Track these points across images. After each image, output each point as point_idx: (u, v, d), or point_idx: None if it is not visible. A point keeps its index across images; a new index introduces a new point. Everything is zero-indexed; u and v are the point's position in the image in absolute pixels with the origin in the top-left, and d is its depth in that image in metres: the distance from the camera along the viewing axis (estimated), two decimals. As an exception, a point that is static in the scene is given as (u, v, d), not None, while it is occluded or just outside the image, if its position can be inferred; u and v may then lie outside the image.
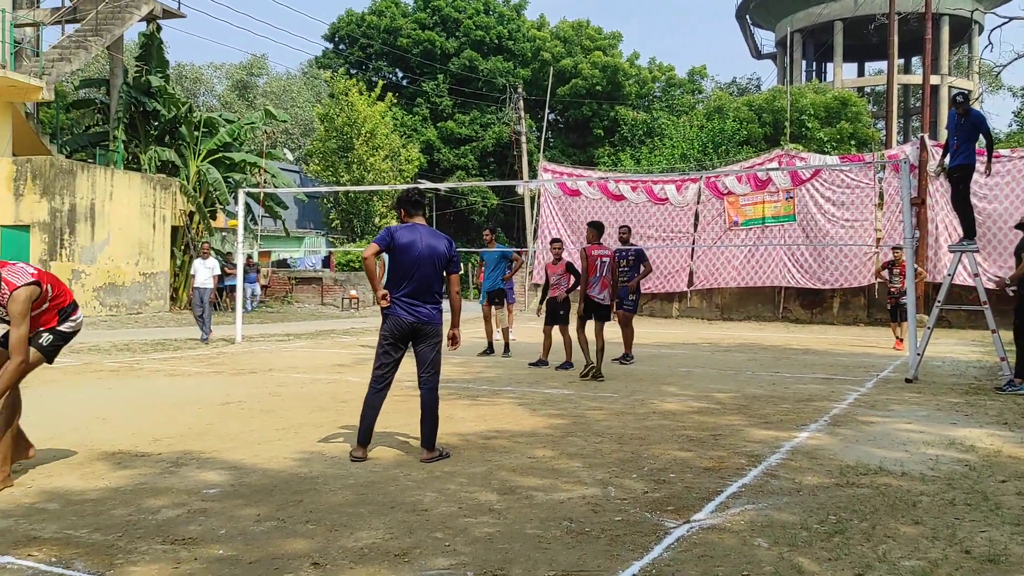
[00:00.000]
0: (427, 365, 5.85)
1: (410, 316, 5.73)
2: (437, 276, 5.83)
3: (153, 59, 26.21)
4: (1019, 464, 5.68)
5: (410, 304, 5.75)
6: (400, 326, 5.75)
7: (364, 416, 5.82)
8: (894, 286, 14.93)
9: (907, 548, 3.94)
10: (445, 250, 5.84)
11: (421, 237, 5.78)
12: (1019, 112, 44.32)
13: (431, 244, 5.79)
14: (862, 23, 41.79)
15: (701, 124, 34.82)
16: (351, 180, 34.06)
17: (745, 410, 7.97)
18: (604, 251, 10.32)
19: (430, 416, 5.80)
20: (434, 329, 5.82)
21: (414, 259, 5.72)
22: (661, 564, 3.72)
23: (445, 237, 5.96)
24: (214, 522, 4.33)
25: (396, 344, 5.83)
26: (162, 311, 23.88)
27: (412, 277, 5.73)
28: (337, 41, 50.67)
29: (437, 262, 5.79)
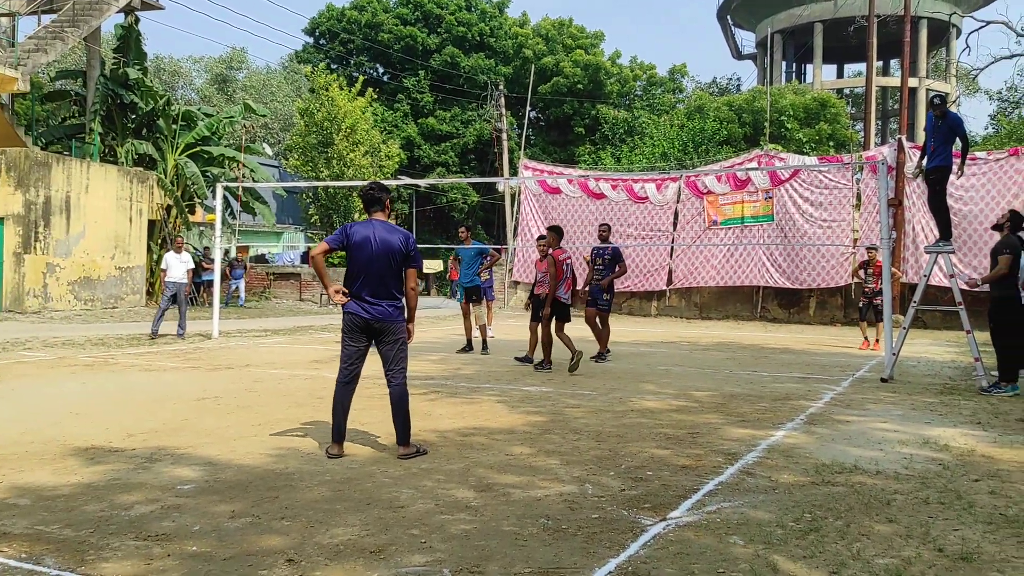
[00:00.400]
0: (391, 363, 5.78)
1: (366, 313, 5.67)
2: (394, 273, 5.72)
3: (131, 51, 25.93)
4: (992, 463, 5.74)
5: (366, 301, 5.68)
6: (356, 322, 5.70)
7: (335, 413, 5.78)
8: (868, 286, 15.05)
9: (881, 546, 3.97)
10: (400, 245, 5.71)
11: (376, 233, 5.69)
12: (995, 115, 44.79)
13: (386, 240, 5.68)
14: (842, 25, 42.10)
15: (682, 123, 34.92)
16: (331, 176, 33.87)
17: (723, 408, 8.01)
18: (566, 254, 11.11)
19: (401, 413, 5.76)
20: (393, 326, 5.73)
21: (368, 255, 5.65)
22: (637, 561, 3.73)
23: (402, 232, 5.85)
24: (188, 518, 4.29)
25: (356, 338, 5.76)
26: (138, 306, 23.66)
27: (368, 274, 5.67)
28: (318, 36, 50.41)
29: (392, 258, 5.68)
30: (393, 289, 5.74)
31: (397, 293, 5.78)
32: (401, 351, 5.81)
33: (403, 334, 5.81)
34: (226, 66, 54.44)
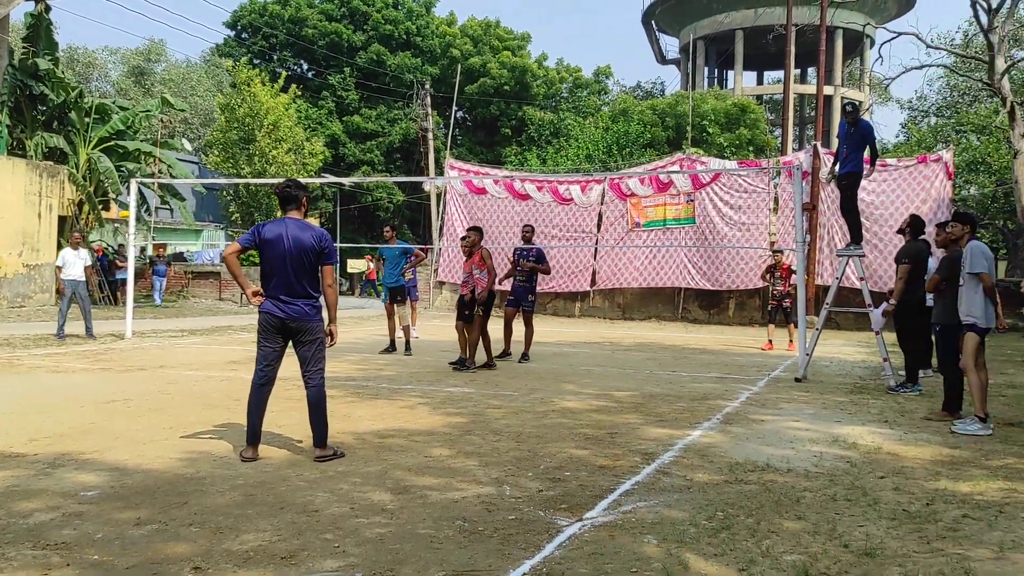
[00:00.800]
0: (308, 363, 5.69)
1: (282, 312, 5.58)
2: (308, 270, 5.62)
3: (41, 41, 24.93)
4: (897, 460, 5.94)
5: (281, 301, 5.59)
6: (271, 321, 5.61)
7: (249, 414, 5.65)
8: (776, 289, 15.46)
9: (790, 543, 4.06)
10: (313, 242, 5.60)
11: (288, 231, 5.59)
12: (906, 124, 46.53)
13: (298, 237, 5.57)
14: (761, 33, 43.15)
15: (606, 126, 35.33)
16: (252, 173, 33.16)
17: (642, 408, 8.11)
18: None
19: (318, 415, 5.66)
20: (309, 326, 5.64)
21: (280, 254, 5.55)
22: (552, 562, 3.73)
23: (315, 229, 5.74)
24: (90, 526, 4.13)
25: (272, 339, 5.66)
26: (47, 304, 22.76)
27: (280, 273, 5.57)
28: (240, 29, 49.29)
29: (306, 256, 5.58)
30: (309, 288, 5.64)
31: (313, 292, 5.67)
32: (319, 351, 5.71)
33: (320, 334, 5.71)
34: (143, 58, 52.85)
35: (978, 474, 5.55)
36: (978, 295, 7.27)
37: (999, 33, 23.80)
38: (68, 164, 24.68)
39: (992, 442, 6.70)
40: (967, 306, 7.34)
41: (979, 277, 7.24)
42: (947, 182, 21.51)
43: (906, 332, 9.84)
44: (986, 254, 7.34)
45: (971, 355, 7.27)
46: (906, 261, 9.61)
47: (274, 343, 5.68)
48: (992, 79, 24.11)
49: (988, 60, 24.46)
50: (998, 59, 23.78)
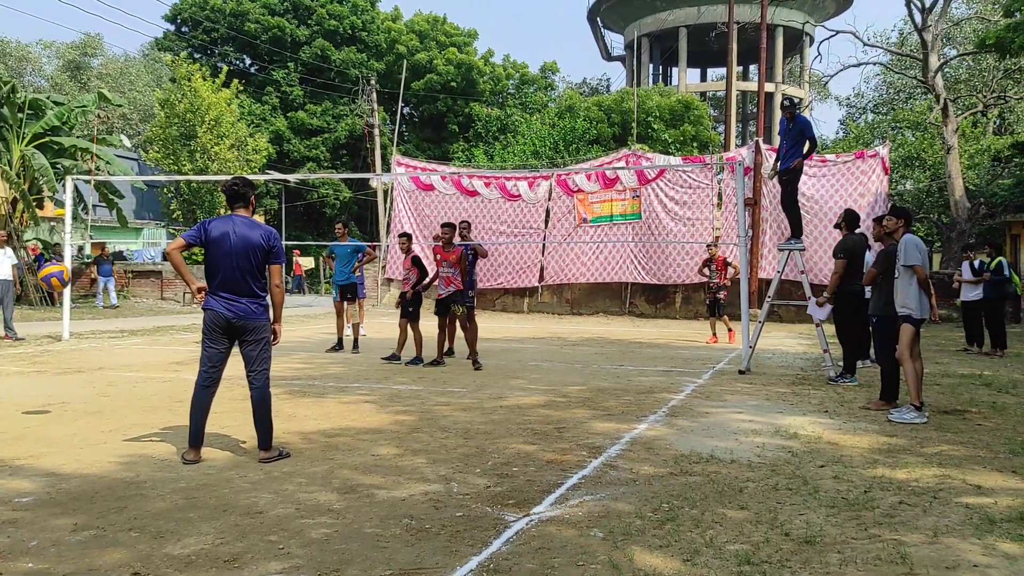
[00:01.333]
0: (253, 363, 5.62)
1: (227, 311, 5.50)
2: (254, 269, 5.55)
3: (-30, 33, 24.11)
4: (837, 449, 6.08)
5: (226, 299, 5.51)
6: (216, 320, 5.53)
7: (192, 416, 5.54)
8: (713, 281, 15.70)
9: (733, 532, 4.12)
10: (261, 240, 5.53)
11: (235, 228, 5.52)
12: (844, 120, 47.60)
13: (245, 235, 5.50)
14: (704, 31, 43.77)
15: (553, 122, 35.42)
16: (194, 169, 32.52)
17: (590, 403, 8.16)
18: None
19: (262, 416, 5.59)
20: (255, 325, 5.56)
21: (226, 251, 5.47)
22: (499, 558, 3.74)
23: (263, 227, 5.66)
24: (25, 533, 4.02)
25: (217, 339, 5.57)
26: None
27: (226, 270, 5.49)
28: (179, 23, 48.27)
29: (253, 254, 5.51)
30: (255, 286, 5.56)
31: (259, 291, 5.60)
32: (264, 351, 5.64)
33: (266, 334, 5.64)
34: (79, 53, 51.52)
35: (914, 461, 5.70)
36: (912, 287, 7.46)
37: (932, 32, 24.48)
38: (0, 161, 23.93)
39: (927, 430, 6.89)
40: (902, 298, 7.54)
41: (913, 269, 7.44)
42: (884, 177, 22.04)
43: (844, 324, 10.06)
44: (920, 247, 7.55)
45: (906, 345, 7.47)
46: (841, 255, 9.82)
47: (219, 344, 5.58)
48: (926, 76, 24.78)
49: (922, 58, 25.13)
50: (932, 57, 24.44)
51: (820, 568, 3.66)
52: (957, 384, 9.85)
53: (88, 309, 23.78)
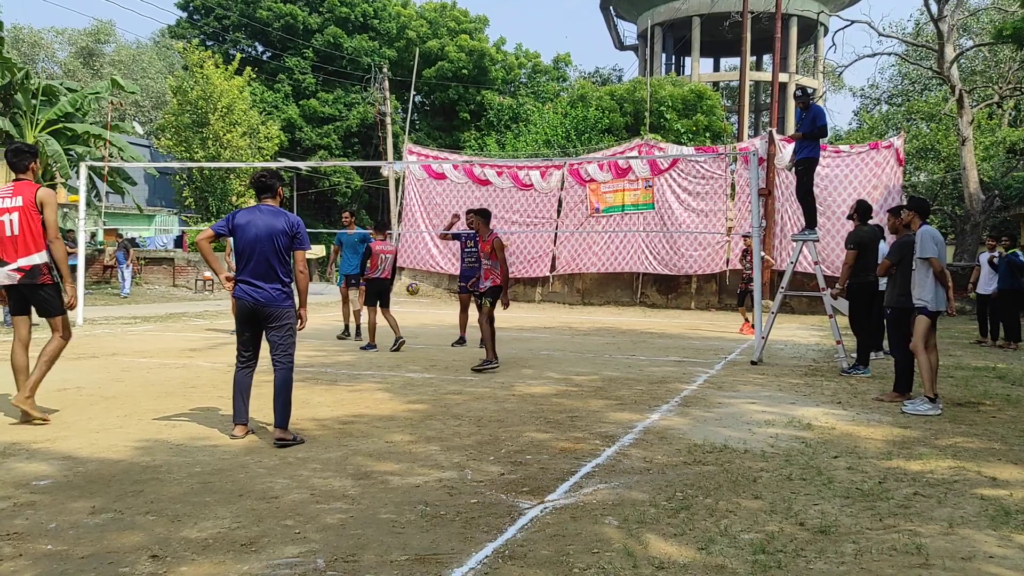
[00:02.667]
0: (276, 348, 5.76)
1: (250, 298, 5.65)
2: (278, 256, 5.68)
3: (-16, 19, 24.20)
4: (850, 440, 6.06)
5: (251, 285, 5.66)
6: (243, 308, 5.71)
7: (234, 396, 5.81)
8: (747, 272, 15.65)
9: (747, 522, 4.12)
10: (285, 227, 5.68)
11: (260, 216, 5.69)
12: (858, 111, 47.31)
13: (269, 223, 5.66)
14: (718, 20, 43.49)
15: (565, 112, 35.33)
16: (206, 157, 32.60)
17: (602, 392, 8.16)
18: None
19: (282, 397, 5.70)
20: (279, 311, 5.70)
21: (251, 239, 5.63)
22: (514, 545, 3.75)
23: (288, 215, 5.79)
24: (43, 515, 4.05)
25: (245, 326, 5.79)
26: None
27: (250, 257, 5.65)
28: (191, 10, 48.26)
29: (276, 241, 5.65)
30: (279, 273, 5.71)
31: (284, 277, 5.75)
32: (288, 336, 5.78)
33: (291, 319, 5.78)
34: (92, 39, 51.61)
35: (928, 453, 5.68)
36: (929, 279, 7.43)
37: (948, 22, 24.27)
38: (14, 147, 24.02)
39: (941, 422, 6.87)
40: (918, 290, 7.51)
41: (929, 262, 7.40)
42: (897, 168, 21.92)
43: (858, 316, 10.01)
44: (936, 239, 7.50)
45: (921, 337, 7.44)
46: (852, 247, 9.76)
47: (248, 330, 5.80)
48: (941, 67, 24.58)
49: (938, 48, 24.93)
50: (947, 47, 24.24)
51: (835, 558, 3.66)
52: (971, 376, 9.81)
53: (101, 295, 23.91)
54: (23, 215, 6.07)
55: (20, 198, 6.10)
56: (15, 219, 6.06)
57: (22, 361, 6.36)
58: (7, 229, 6.09)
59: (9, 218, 6.07)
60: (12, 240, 6.09)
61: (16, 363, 6.36)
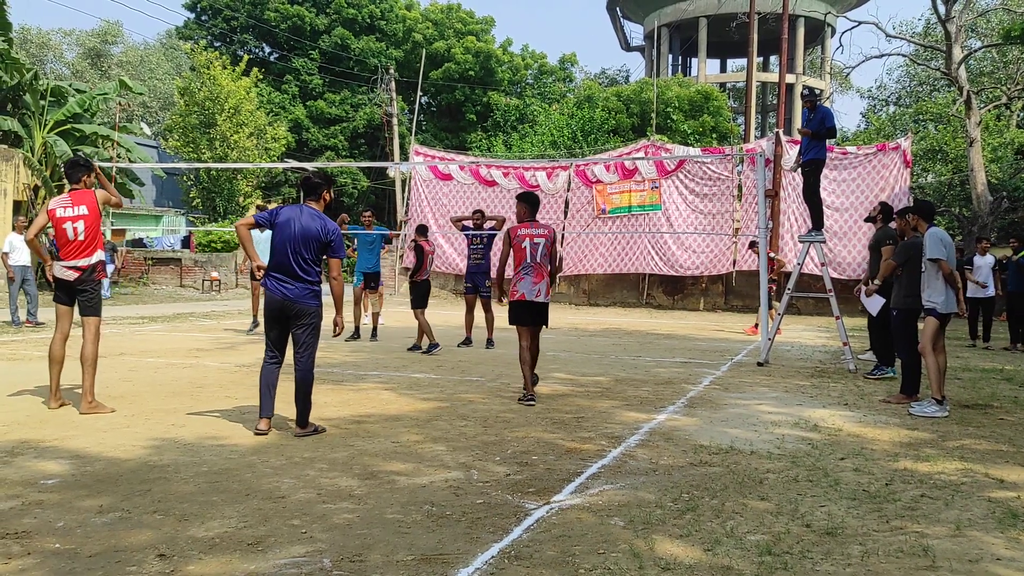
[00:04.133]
0: (299, 346, 5.93)
1: (280, 292, 5.83)
2: (310, 257, 5.87)
3: (-7, 20, 24.29)
4: (857, 442, 6.05)
5: (279, 280, 5.85)
6: (272, 303, 5.90)
7: (260, 390, 5.96)
8: (770, 274, 15.63)
9: (753, 523, 4.12)
10: (319, 232, 5.88)
11: (299, 217, 5.91)
12: (866, 112, 47.21)
13: (307, 225, 5.88)
14: (725, 21, 43.44)
15: (571, 112, 35.31)
16: (213, 157, 32.67)
17: (608, 393, 8.16)
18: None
19: (302, 395, 5.89)
20: (302, 309, 5.85)
21: (288, 236, 5.85)
22: (520, 545, 3.75)
23: (327, 221, 6.00)
24: (51, 514, 4.07)
25: (273, 324, 5.95)
26: (3, 292, 22.27)
27: (283, 254, 5.85)
28: (199, 11, 48.35)
29: (310, 244, 5.86)
30: (307, 273, 5.88)
31: (310, 277, 5.91)
32: (311, 336, 5.94)
33: (316, 319, 5.94)
34: (100, 40, 51.79)
35: (935, 455, 5.67)
36: (938, 281, 7.41)
37: (956, 23, 24.19)
38: (23, 148, 24.13)
39: (949, 424, 6.85)
40: (928, 292, 7.49)
41: (938, 264, 7.38)
42: (905, 170, 21.86)
43: (881, 315, 9.88)
44: (944, 241, 7.48)
45: (930, 339, 7.42)
46: (890, 242, 9.46)
47: (276, 327, 5.96)
48: (949, 68, 24.51)
49: (946, 49, 24.86)
50: (955, 48, 24.17)
51: (842, 559, 3.65)
52: (979, 378, 9.78)
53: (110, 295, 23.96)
54: (88, 221, 6.61)
55: (84, 206, 6.62)
56: (80, 226, 6.58)
57: (60, 353, 6.78)
58: (70, 234, 6.59)
59: (74, 225, 6.57)
60: (76, 244, 6.60)
61: (54, 355, 6.76)
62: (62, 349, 6.84)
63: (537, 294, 7.49)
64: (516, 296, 7.52)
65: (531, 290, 7.47)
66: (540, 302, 7.53)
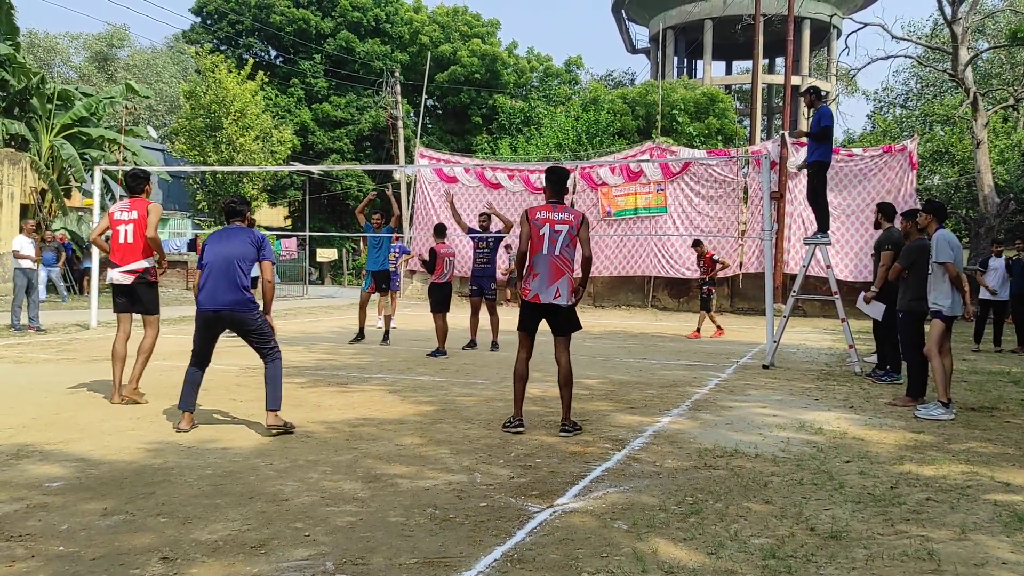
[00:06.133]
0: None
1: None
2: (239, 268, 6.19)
3: (1, 25, 24.42)
4: (862, 445, 6.03)
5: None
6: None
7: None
8: (703, 276, 15.77)
9: (757, 526, 4.10)
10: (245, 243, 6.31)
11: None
12: (872, 114, 47.08)
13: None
14: (730, 23, 43.40)
15: (577, 115, 35.32)
16: (219, 161, 32.75)
17: (612, 396, 8.15)
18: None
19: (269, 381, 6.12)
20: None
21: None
22: (523, 548, 3.74)
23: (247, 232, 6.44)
24: (55, 517, 4.07)
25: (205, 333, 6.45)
26: (9, 295, 22.33)
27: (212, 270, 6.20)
28: (205, 15, 48.48)
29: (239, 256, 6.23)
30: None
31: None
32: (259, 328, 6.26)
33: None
34: (106, 44, 51.96)
35: (941, 458, 5.64)
36: (945, 283, 7.38)
37: (963, 24, 24.12)
38: (30, 151, 24.25)
39: (955, 427, 6.82)
40: (935, 294, 7.46)
41: (945, 267, 7.36)
42: (911, 172, 21.79)
43: (887, 320, 9.83)
44: (952, 243, 7.45)
45: (936, 341, 7.39)
46: (889, 247, 9.47)
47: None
48: (956, 70, 24.44)
49: (952, 51, 24.79)
50: (962, 50, 24.10)
51: (846, 563, 3.64)
52: (985, 381, 9.74)
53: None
54: (136, 226, 7.16)
55: (136, 212, 7.22)
56: (130, 229, 7.16)
57: (123, 351, 7.35)
58: (121, 237, 7.19)
59: (125, 228, 7.16)
60: (126, 247, 7.16)
61: (117, 352, 7.31)
62: (124, 348, 7.34)
63: (556, 294, 6.19)
64: (529, 296, 6.28)
65: (546, 290, 6.20)
66: (559, 304, 6.24)
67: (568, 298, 6.22)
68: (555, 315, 6.30)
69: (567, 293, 6.21)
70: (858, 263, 21.30)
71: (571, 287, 6.24)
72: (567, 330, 6.35)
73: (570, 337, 6.38)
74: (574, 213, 6.38)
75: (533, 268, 6.25)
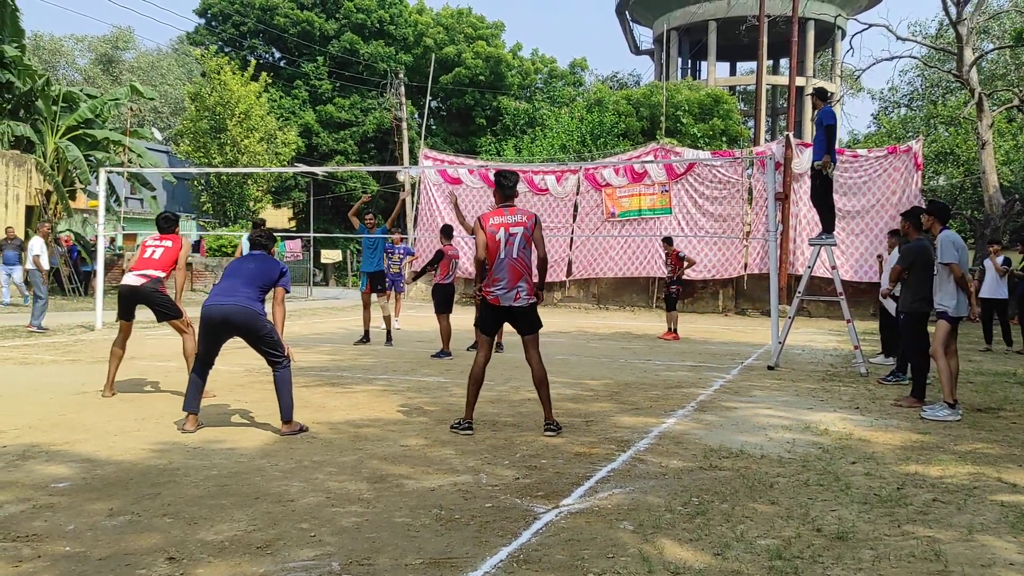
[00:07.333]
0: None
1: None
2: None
3: (6, 27, 24.45)
4: (868, 446, 6.01)
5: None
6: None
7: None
8: (670, 276, 15.55)
9: (763, 527, 4.09)
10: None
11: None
12: (877, 115, 47.01)
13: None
14: (734, 24, 43.37)
15: (581, 116, 35.33)
16: (224, 162, 32.81)
17: (617, 397, 8.14)
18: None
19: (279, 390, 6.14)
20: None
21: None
22: (529, 549, 3.74)
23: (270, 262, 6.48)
24: (61, 517, 4.08)
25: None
26: (14, 296, 22.40)
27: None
28: (209, 17, 48.59)
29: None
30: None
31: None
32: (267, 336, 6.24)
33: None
34: (111, 46, 52.09)
35: (947, 459, 5.63)
36: (950, 284, 7.37)
37: (968, 25, 24.09)
38: (35, 153, 24.29)
39: (961, 428, 6.81)
40: (940, 295, 7.45)
41: (949, 267, 7.34)
42: (916, 173, 21.76)
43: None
44: (957, 244, 7.43)
45: (941, 342, 7.37)
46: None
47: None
48: (960, 71, 24.40)
49: (957, 51, 24.75)
50: (966, 51, 24.06)
51: (853, 564, 3.63)
52: (991, 382, 9.72)
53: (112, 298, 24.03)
54: (167, 251, 7.67)
55: (170, 241, 7.77)
56: (160, 251, 7.65)
57: (121, 350, 7.66)
58: (147, 253, 7.66)
59: (154, 248, 7.67)
60: (150, 260, 7.59)
61: (115, 349, 7.65)
62: (123, 346, 7.69)
63: (516, 297, 6.18)
64: (490, 297, 6.24)
65: (507, 295, 6.18)
66: (519, 307, 6.21)
67: (528, 297, 6.23)
68: (517, 317, 6.27)
69: (527, 293, 6.23)
70: (863, 263, 21.26)
71: (531, 288, 6.27)
72: (533, 329, 6.33)
73: (538, 336, 6.37)
74: (527, 214, 6.45)
75: (493, 274, 6.23)
